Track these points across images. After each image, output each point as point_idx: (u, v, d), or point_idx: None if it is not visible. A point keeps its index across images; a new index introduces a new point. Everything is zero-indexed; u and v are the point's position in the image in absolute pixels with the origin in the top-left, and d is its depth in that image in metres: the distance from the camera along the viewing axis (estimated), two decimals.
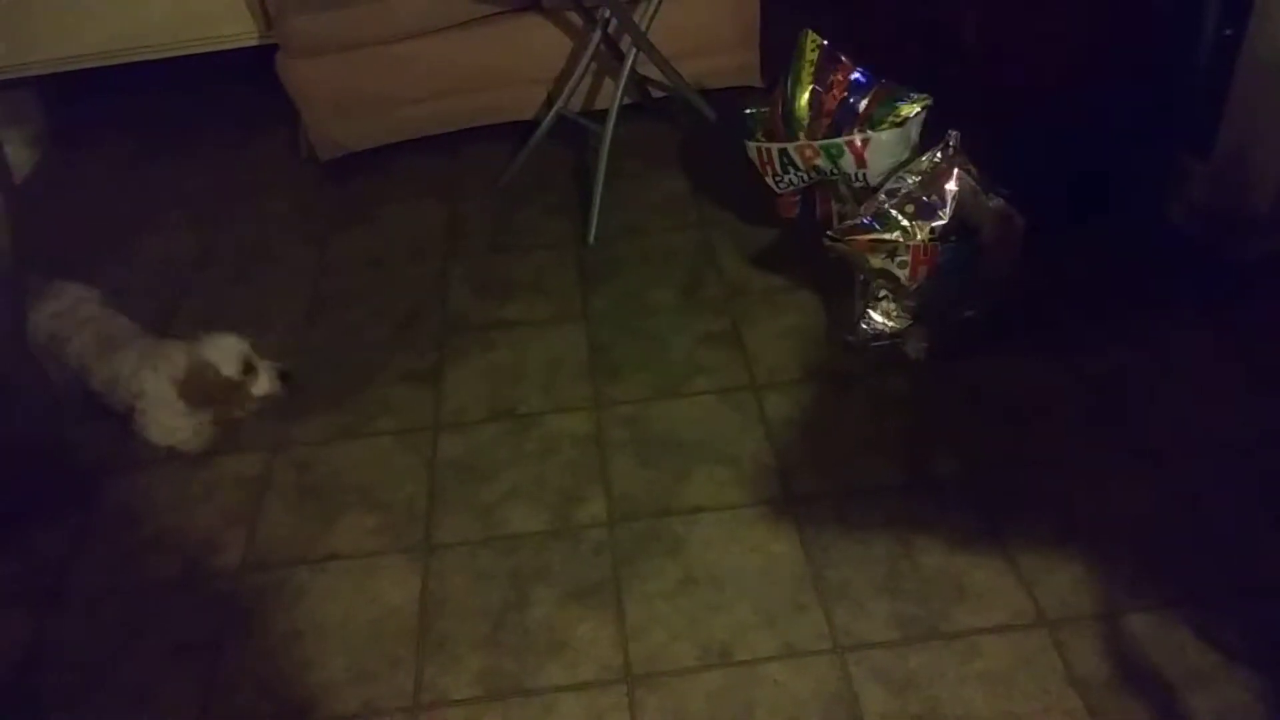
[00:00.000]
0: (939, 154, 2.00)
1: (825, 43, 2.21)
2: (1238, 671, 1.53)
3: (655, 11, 2.56)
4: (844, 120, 2.16)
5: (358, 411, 2.15)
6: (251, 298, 2.52)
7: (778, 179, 2.32)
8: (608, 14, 2.63)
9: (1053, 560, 1.71)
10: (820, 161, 2.21)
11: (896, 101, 2.11)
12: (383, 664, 1.68)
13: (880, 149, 2.12)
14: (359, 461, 2.05)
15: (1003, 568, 1.71)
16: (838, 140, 2.16)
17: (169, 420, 2.01)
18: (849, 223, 2.01)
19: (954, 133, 1.99)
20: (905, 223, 1.91)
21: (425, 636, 1.72)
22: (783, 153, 2.27)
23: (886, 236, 1.95)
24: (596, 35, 2.65)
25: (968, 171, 1.99)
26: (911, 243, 1.94)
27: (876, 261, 1.94)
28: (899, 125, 2.10)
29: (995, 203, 2.00)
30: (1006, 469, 1.88)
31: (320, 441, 2.11)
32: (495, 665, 1.66)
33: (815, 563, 1.75)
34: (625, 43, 2.69)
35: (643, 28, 2.56)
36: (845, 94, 2.17)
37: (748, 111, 2.35)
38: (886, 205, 1.94)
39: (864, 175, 2.16)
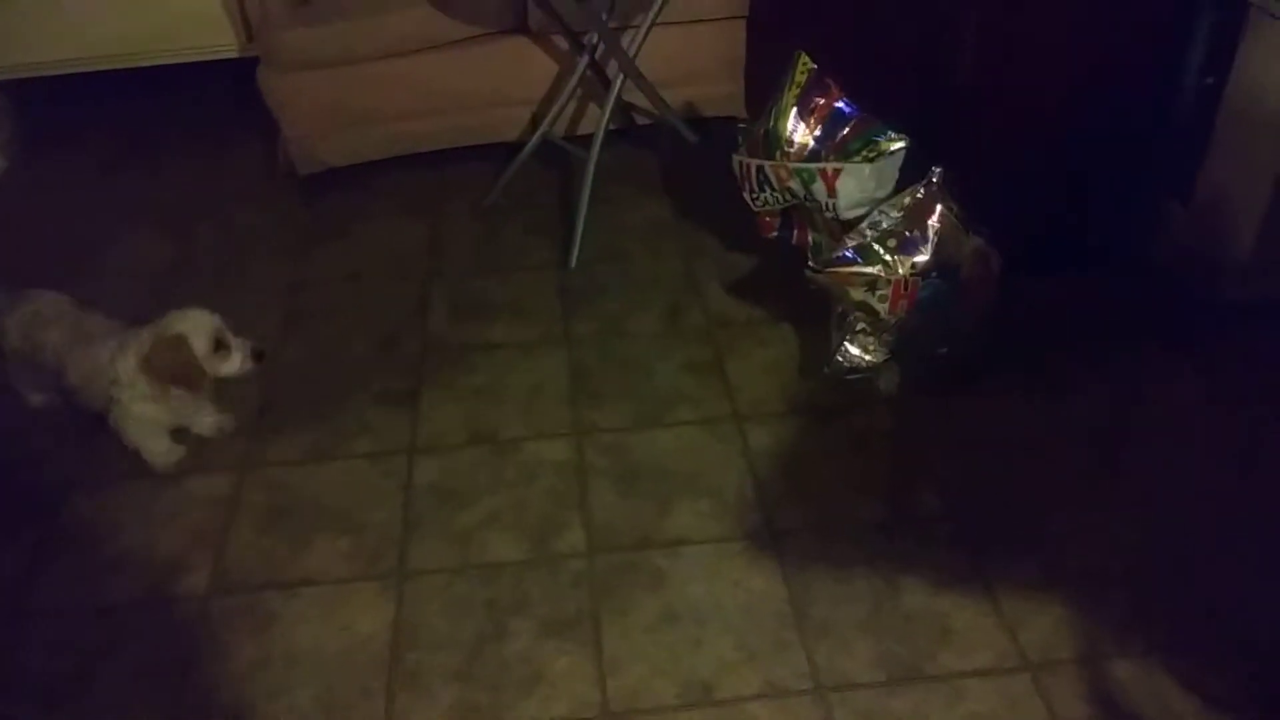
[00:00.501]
0: (921, 190, 2.00)
1: (815, 67, 2.20)
2: (1221, 719, 1.52)
3: (644, 39, 2.55)
4: (820, 146, 2.15)
5: (332, 432, 2.11)
6: (225, 311, 2.38)
7: (754, 196, 2.31)
8: (595, 39, 2.62)
9: (1036, 602, 1.70)
10: (794, 184, 2.20)
11: (874, 137, 2.10)
12: (353, 694, 1.64)
13: (851, 181, 2.11)
14: (332, 484, 2.01)
15: (986, 609, 1.70)
16: (810, 165, 2.15)
17: (142, 409, 1.94)
18: (831, 255, 2.00)
19: (937, 169, 1.99)
20: (887, 257, 1.90)
21: (397, 667, 1.67)
22: (759, 170, 2.26)
23: (868, 270, 1.94)
24: (584, 60, 2.64)
25: (950, 209, 1.99)
26: (893, 277, 1.93)
27: (857, 294, 1.94)
28: (871, 160, 2.09)
29: (975, 241, 2.01)
30: (989, 508, 1.88)
31: (293, 462, 2.06)
32: (469, 699, 1.62)
33: (798, 600, 1.73)
34: (612, 69, 2.68)
35: (630, 55, 2.56)
36: (825, 120, 2.16)
37: (741, 125, 2.34)
38: (868, 239, 1.93)
39: (834, 205, 2.15)
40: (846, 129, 2.12)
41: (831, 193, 2.14)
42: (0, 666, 1.71)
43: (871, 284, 1.92)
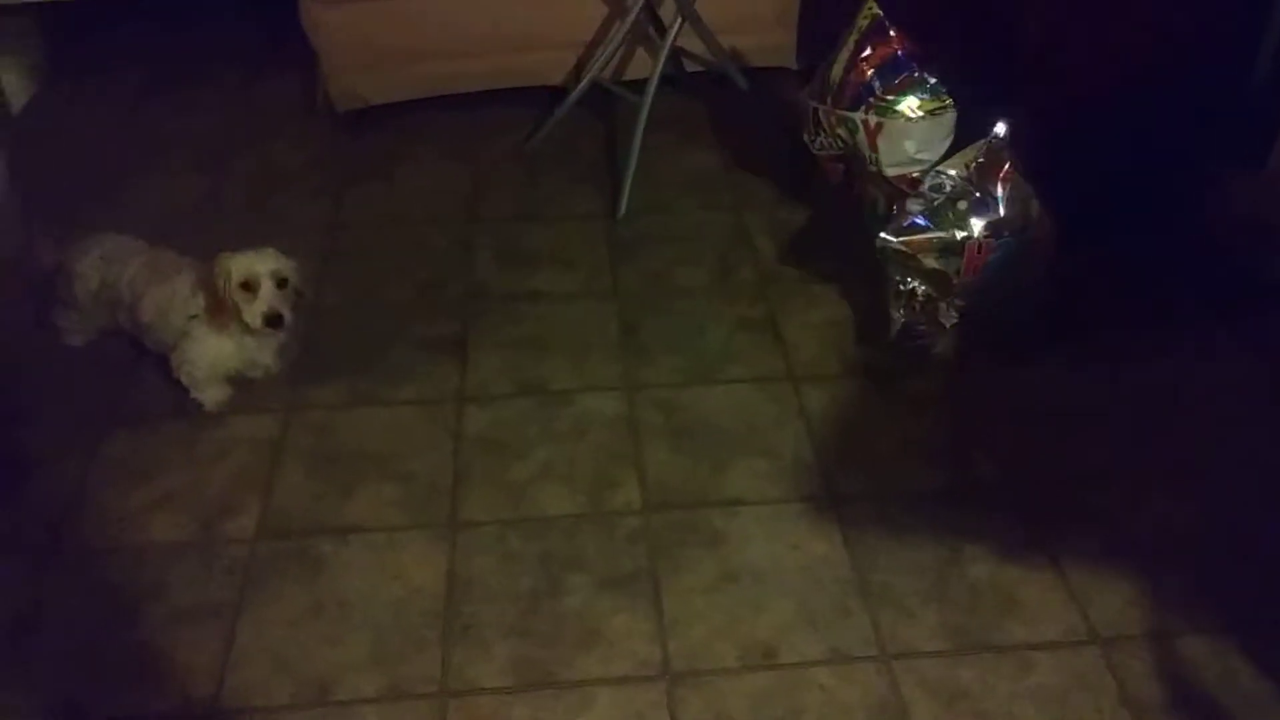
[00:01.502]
0: (987, 148, 1.93)
1: (880, 13, 2.13)
2: None
3: None
4: (867, 96, 2.09)
5: (378, 377, 2.06)
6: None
7: (811, 139, 2.26)
8: None
9: (1103, 577, 1.67)
10: (841, 131, 2.15)
11: (920, 94, 2.04)
12: (408, 645, 1.61)
13: (891, 137, 2.06)
14: (379, 430, 1.97)
15: (1053, 582, 1.66)
16: (854, 115, 2.10)
17: (216, 347, 1.89)
18: (901, 222, 1.93)
19: (1002, 125, 1.92)
20: (960, 220, 1.84)
21: (452, 619, 1.64)
22: (815, 111, 2.21)
23: (942, 235, 1.88)
24: (639, 2, 2.55)
25: (1017, 166, 1.93)
26: (968, 241, 1.87)
27: (929, 262, 1.88)
28: (911, 120, 2.03)
29: (1036, 201, 1.95)
30: (1051, 478, 1.84)
31: (338, 406, 2.01)
32: (526, 654, 1.59)
33: (860, 565, 1.70)
34: (666, 11, 2.60)
35: None
36: (878, 69, 2.10)
37: (819, 67, 2.27)
38: (935, 201, 1.86)
39: (876, 160, 2.10)
40: (896, 80, 2.06)
41: (873, 147, 2.09)
42: (42, 606, 1.67)
43: (945, 249, 1.86)
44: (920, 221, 1.90)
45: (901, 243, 1.90)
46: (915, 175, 2.10)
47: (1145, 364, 2.05)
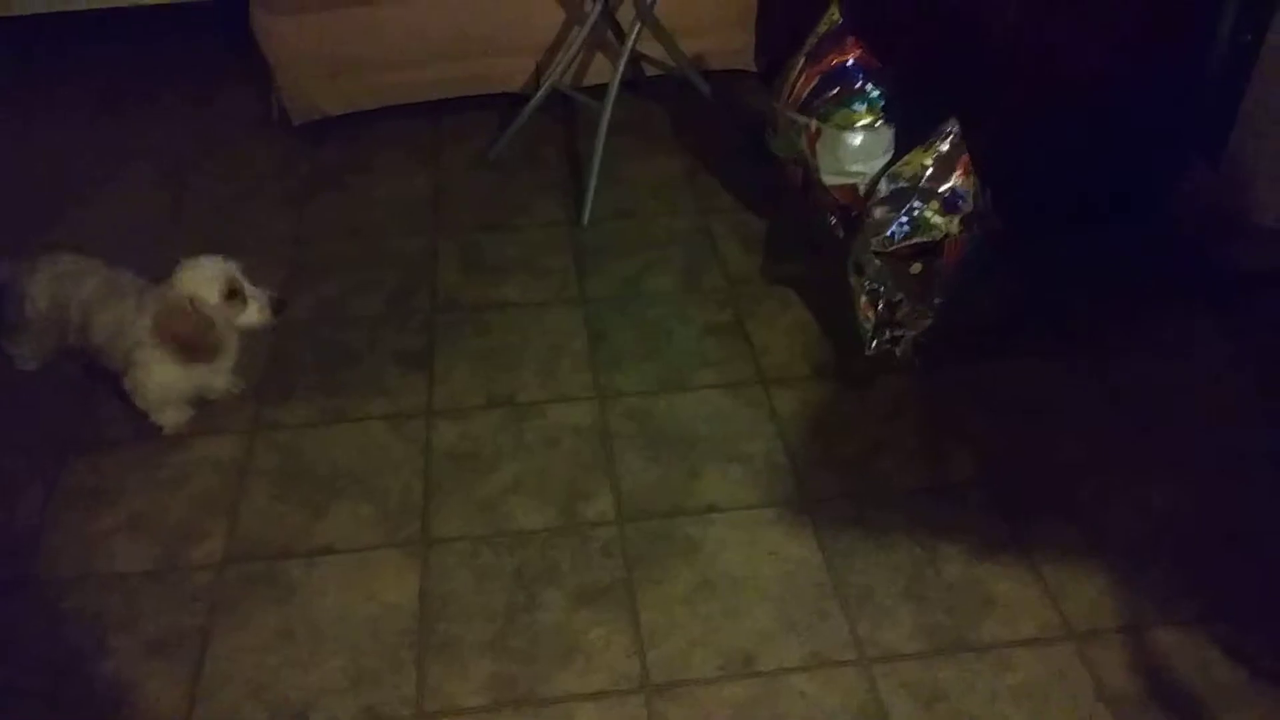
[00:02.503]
0: (946, 143, 1.93)
1: (840, 20, 2.13)
2: (1266, 689, 1.51)
3: None
4: (811, 100, 2.10)
5: (344, 393, 2.04)
6: None
7: (770, 139, 2.26)
8: None
9: (1078, 570, 1.68)
10: (792, 134, 2.15)
11: (854, 105, 2.04)
12: (383, 666, 1.58)
13: (828, 145, 2.07)
14: (347, 447, 1.94)
15: (1028, 578, 1.67)
16: (799, 118, 2.11)
17: (162, 373, 1.84)
18: (883, 233, 1.89)
19: (953, 120, 1.92)
20: (938, 220, 1.84)
21: (428, 638, 1.62)
22: (774, 110, 2.21)
23: (925, 238, 1.87)
24: (597, 8, 2.54)
25: (970, 159, 1.92)
26: (947, 240, 1.87)
27: (916, 268, 1.87)
28: (842, 128, 2.04)
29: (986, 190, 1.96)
30: (1024, 474, 1.85)
31: (305, 424, 1.98)
32: (504, 671, 1.57)
33: (836, 568, 1.70)
34: (624, 16, 2.59)
35: (648, 2, 2.46)
36: (825, 75, 2.10)
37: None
38: (917, 209, 1.85)
39: (816, 167, 2.11)
40: (838, 89, 2.06)
41: (813, 153, 2.09)
42: (6, 638, 1.63)
43: (929, 251, 1.85)
44: (900, 231, 1.88)
45: (891, 253, 1.87)
46: (853, 187, 2.11)
47: (1116, 358, 2.06)
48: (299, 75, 2.68)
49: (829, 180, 2.11)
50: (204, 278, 1.80)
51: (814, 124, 2.08)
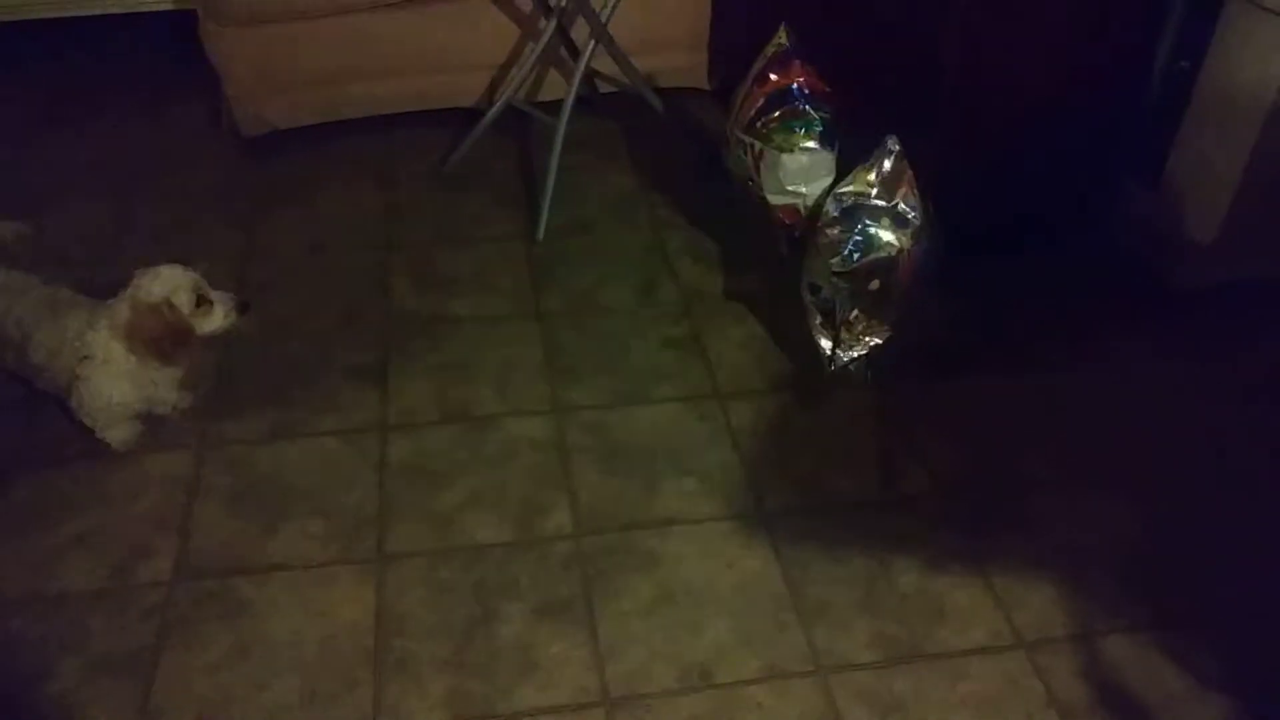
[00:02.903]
0: (889, 160, 1.95)
1: (787, 45, 2.16)
2: (1213, 696, 1.55)
3: (615, 5, 2.48)
4: (754, 121, 2.14)
5: (297, 409, 2.01)
6: None
7: (726, 155, 2.29)
8: (563, 2, 2.53)
9: (1028, 581, 1.71)
10: (739, 152, 2.19)
11: (794, 127, 2.08)
12: (338, 685, 1.57)
13: (769, 166, 2.10)
14: (300, 463, 1.92)
15: (980, 588, 1.70)
16: (745, 137, 2.15)
17: (111, 387, 1.80)
18: (841, 253, 1.91)
19: (893, 137, 1.94)
20: (890, 236, 1.87)
21: (384, 655, 1.60)
22: (728, 128, 2.25)
23: (883, 255, 1.89)
24: (551, 24, 2.55)
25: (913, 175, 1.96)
26: (902, 254, 1.90)
27: (875, 285, 1.90)
28: (783, 151, 2.08)
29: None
30: (976, 488, 1.88)
31: (256, 440, 1.96)
32: (462, 687, 1.56)
33: (793, 580, 1.71)
34: (578, 33, 2.61)
35: (603, 20, 2.48)
36: (768, 97, 2.14)
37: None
38: (868, 227, 1.88)
39: (760, 185, 2.14)
40: (779, 111, 2.10)
41: (756, 171, 2.13)
42: None
43: (888, 268, 1.88)
44: (855, 251, 1.90)
45: (850, 272, 1.89)
46: (795, 206, 2.15)
47: (1063, 374, 2.11)
48: (249, 88, 2.66)
49: (772, 199, 2.14)
50: (174, 285, 1.79)
51: (757, 145, 2.12)
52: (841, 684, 1.57)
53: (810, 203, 2.14)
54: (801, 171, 2.09)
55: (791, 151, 2.07)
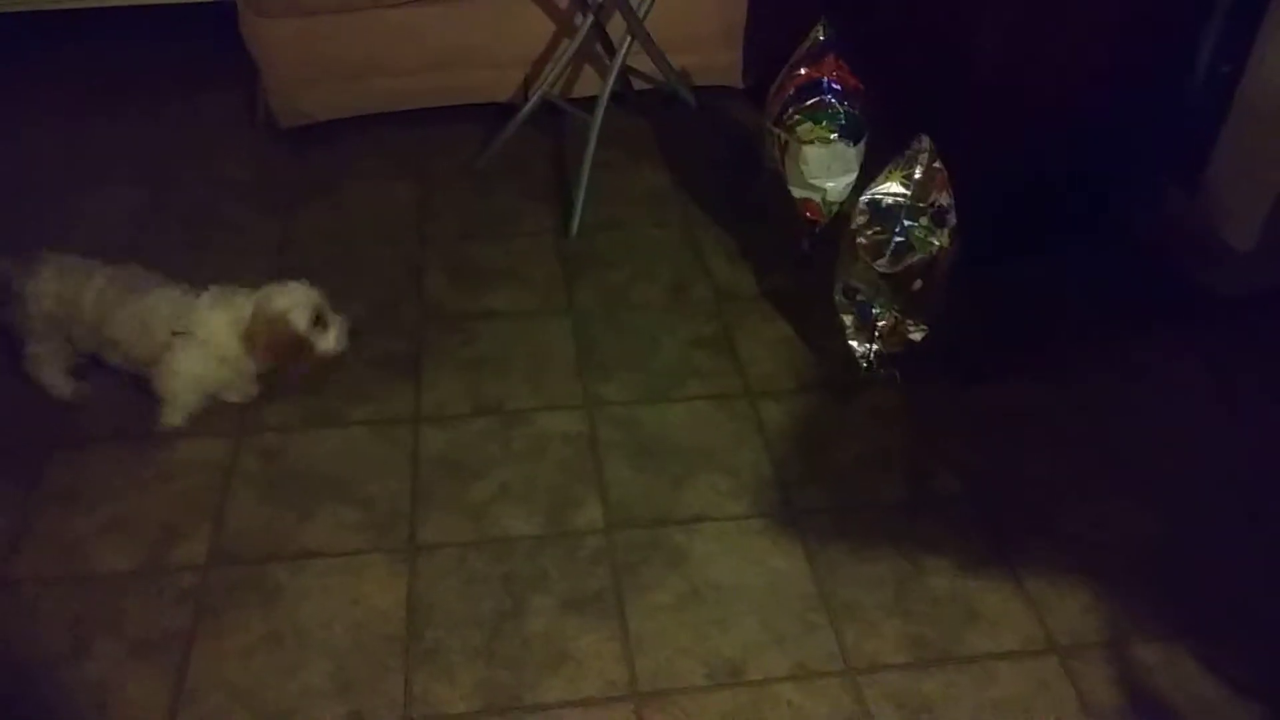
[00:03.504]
0: (921, 160, 1.93)
1: (824, 39, 2.16)
2: (1245, 704, 1.54)
3: (652, 2, 2.48)
4: (783, 112, 2.14)
5: (330, 398, 2.03)
6: (207, 268, 2.31)
7: (765, 151, 2.28)
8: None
9: (1061, 585, 1.70)
10: (770, 144, 2.18)
11: (820, 119, 2.08)
12: (370, 672, 1.58)
13: (793, 157, 2.10)
14: (334, 452, 1.93)
15: (1012, 592, 1.69)
16: (776, 129, 2.14)
17: (202, 365, 1.86)
18: (885, 256, 1.90)
19: (925, 137, 1.93)
20: (930, 235, 1.86)
21: (415, 644, 1.61)
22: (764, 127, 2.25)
23: (925, 255, 1.88)
24: (587, 20, 2.55)
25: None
26: (942, 252, 1.89)
27: (918, 285, 1.89)
28: (804, 143, 2.07)
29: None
30: (1007, 490, 1.87)
31: (291, 428, 1.97)
32: (492, 677, 1.57)
33: (822, 580, 1.71)
34: (614, 29, 2.61)
35: (639, 16, 2.48)
36: (799, 89, 2.13)
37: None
38: (910, 227, 1.87)
39: (785, 178, 2.13)
40: (808, 103, 2.09)
41: (781, 163, 2.13)
42: None
43: (929, 266, 1.87)
44: (901, 247, 1.89)
45: (897, 273, 1.88)
46: (817, 202, 2.14)
47: (1096, 378, 2.09)
48: (287, 79, 2.67)
49: (795, 192, 2.15)
50: (296, 302, 1.85)
51: (783, 136, 2.12)
52: (871, 684, 1.56)
53: (831, 198, 2.14)
54: (822, 164, 2.09)
55: (812, 143, 2.07)
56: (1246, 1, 2.10)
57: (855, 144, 2.09)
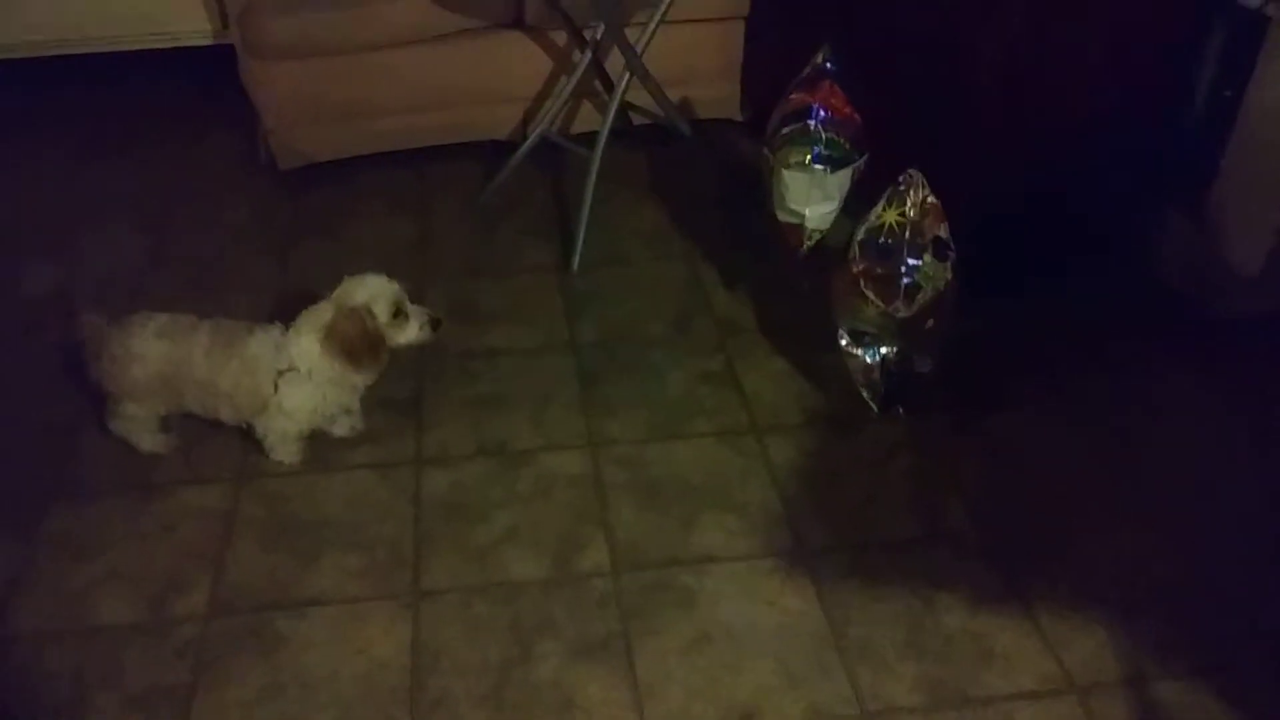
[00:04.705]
0: (913, 194, 1.90)
1: (822, 65, 2.15)
2: None
3: (651, 36, 2.48)
4: (772, 137, 2.12)
5: (331, 441, 2.00)
6: (207, 310, 2.32)
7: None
8: (599, 36, 2.54)
9: (1076, 622, 1.67)
10: (766, 169, 2.17)
11: (801, 145, 2.07)
12: None
13: (777, 180, 2.09)
14: (335, 496, 1.91)
15: (1027, 629, 1.66)
16: (765, 153, 2.14)
17: (313, 397, 1.84)
18: (896, 286, 1.87)
19: (914, 171, 1.90)
20: (936, 270, 1.85)
21: (420, 693, 1.58)
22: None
23: (933, 290, 1.86)
24: (586, 57, 2.56)
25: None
26: (949, 287, 1.87)
27: (930, 323, 1.87)
28: (786, 167, 2.07)
29: None
30: (1018, 524, 1.85)
31: (291, 473, 1.95)
32: None
33: (835, 620, 1.68)
34: (612, 66, 2.61)
35: (638, 52, 2.48)
36: (790, 113, 2.12)
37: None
38: (916, 264, 1.85)
39: (770, 201, 2.14)
40: (793, 128, 2.08)
41: (769, 185, 2.11)
42: None
43: (939, 301, 1.85)
44: (912, 286, 1.86)
45: (913, 314, 1.86)
46: (797, 227, 2.12)
47: (1102, 406, 2.07)
48: (287, 121, 2.68)
49: (779, 215, 2.14)
50: (375, 294, 1.83)
51: (770, 159, 2.11)
52: None
53: (811, 225, 2.11)
54: (801, 190, 2.07)
55: (791, 167, 2.06)
56: (1246, 27, 2.10)
57: (834, 172, 2.06)
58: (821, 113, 2.08)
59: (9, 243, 2.51)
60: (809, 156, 2.06)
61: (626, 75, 2.50)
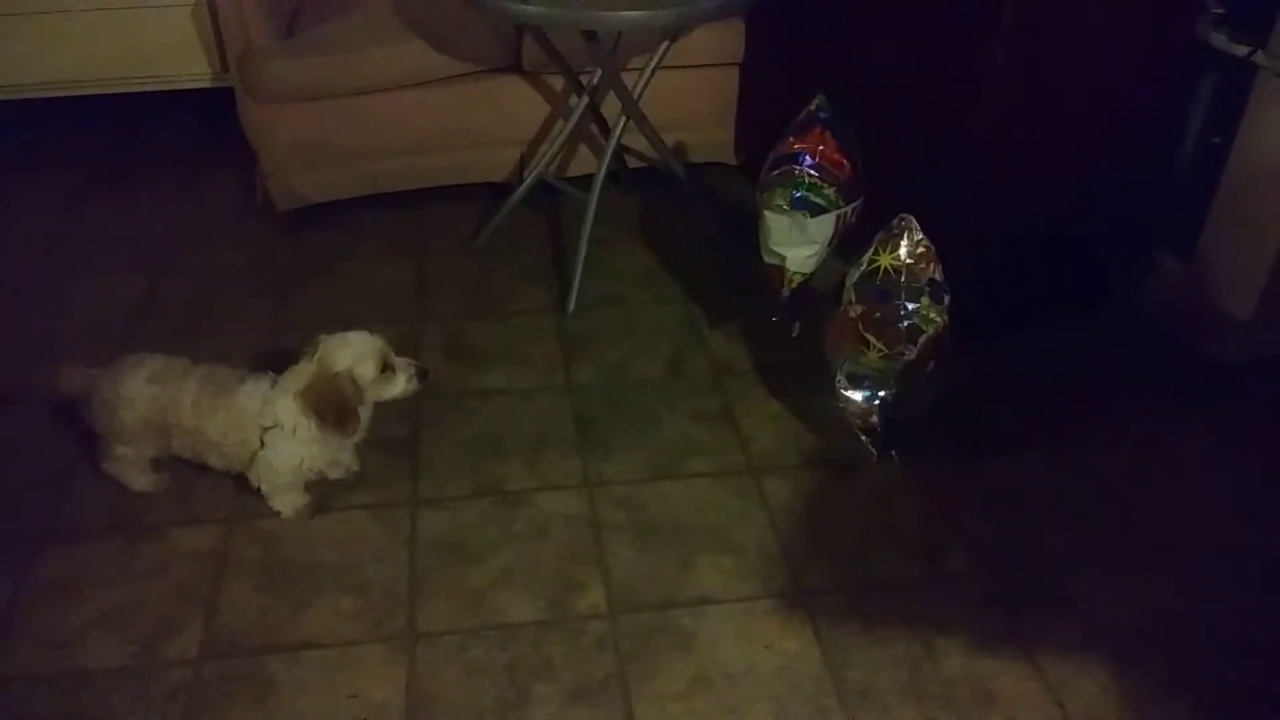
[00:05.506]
0: (906, 238, 1.91)
1: (815, 113, 2.16)
2: None
3: (648, 81, 2.51)
4: (763, 179, 2.14)
5: (325, 482, 1.99)
6: (202, 353, 2.32)
7: None
8: (595, 80, 2.57)
9: (1077, 664, 1.66)
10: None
11: (783, 188, 2.08)
12: None
13: (763, 223, 2.10)
14: (330, 537, 1.89)
15: (1029, 672, 1.65)
16: (757, 195, 2.15)
17: (299, 453, 1.82)
18: (899, 327, 1.87)
19: (906, 216, 1.91)
20: (933, 313, 1.85)
21: None
22: None
23: (933, 332, 1.87)
24: (582, 101, 2.58)
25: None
26: (944, 328, 1.88)
27: (931, 366, 1.88)
28: (768, 209, 2.08)
29: None
30: (1017, 566, 1.84)
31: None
32: None
33: (833, 663, 1.66)
34: (609, 110, 2.64)
35: (634, 96, 2.51)
36: (779, 158, 2.14)
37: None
38: (915, 308, 1.86)
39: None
40: (778, 171, 2.10)
41: (758, 225, 2.13)
42: None
43: (937, 343, 1.86)
44: (912, 330, 1.86)
45: (921, 347, 1.87)
46: (780, 269, 2.13)
47: (1099, 449, 2.07)
48: (284, 163, 2.69)
49: (764, 257, 2.14)
50: (359, 354, 1.80)
51: (760, 201, 2.12)
52: None
53: (792, 268, 2.12)
54: (782, 232, 2.08)
55: (773, 210, 2.07)
56: (1234, 74, 2.13)
57: (815, 217, 2.06)
58: (808, 159, 2.09)
59: (5, 282, 2.51)
60: (790, 201, 2.07)
61: (622, 119, 2.52)
